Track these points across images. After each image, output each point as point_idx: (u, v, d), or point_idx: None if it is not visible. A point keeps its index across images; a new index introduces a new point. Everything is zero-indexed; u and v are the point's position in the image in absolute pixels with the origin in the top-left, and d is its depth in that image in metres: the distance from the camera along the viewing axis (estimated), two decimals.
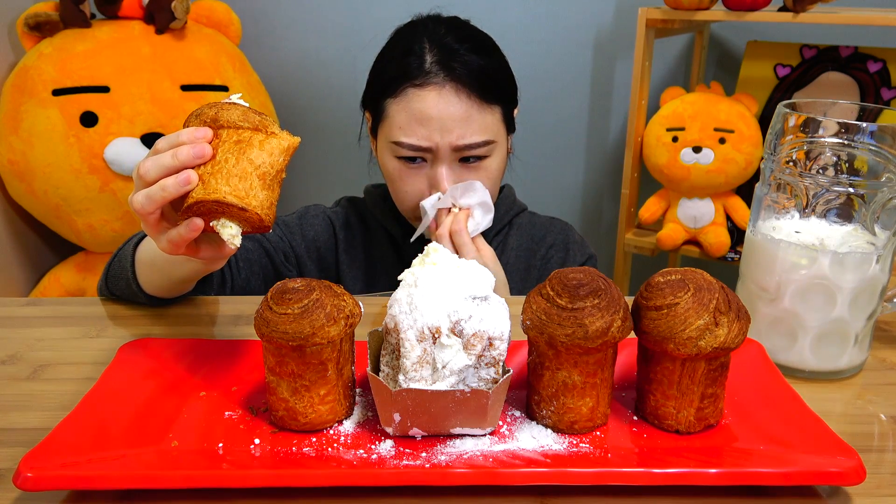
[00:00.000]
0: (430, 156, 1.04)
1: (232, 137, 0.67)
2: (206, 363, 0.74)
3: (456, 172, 1.05)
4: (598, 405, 0.65)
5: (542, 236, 1.22)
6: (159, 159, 0.67)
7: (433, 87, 1.02)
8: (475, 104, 1.02)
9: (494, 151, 1.07)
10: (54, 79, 1.70)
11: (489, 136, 1.04)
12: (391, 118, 1.05)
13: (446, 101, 1.01)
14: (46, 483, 0.55)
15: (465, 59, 1.03)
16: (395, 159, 1.07)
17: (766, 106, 1.98)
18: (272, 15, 2.18)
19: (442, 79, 1.02)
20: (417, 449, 0.61)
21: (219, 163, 0.66)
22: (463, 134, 1.02)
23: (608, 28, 2.14)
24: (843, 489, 0.60)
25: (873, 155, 0.73)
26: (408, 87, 1.03)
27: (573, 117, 2.24)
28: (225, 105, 0.69)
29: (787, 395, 0.69)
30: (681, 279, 0.64)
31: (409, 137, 1.03)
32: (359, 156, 2.29)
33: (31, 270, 1.95)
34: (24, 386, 0.75)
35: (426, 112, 1.01)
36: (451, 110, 1.01)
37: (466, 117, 1.02)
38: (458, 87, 1.02)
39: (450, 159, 1.04)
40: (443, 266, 0.65)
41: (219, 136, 0.68)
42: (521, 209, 1.24)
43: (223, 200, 0.65)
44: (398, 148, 1.05)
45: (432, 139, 1.02)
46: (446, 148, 1.02)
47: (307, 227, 1.17)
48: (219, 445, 0.62)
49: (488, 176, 1.07)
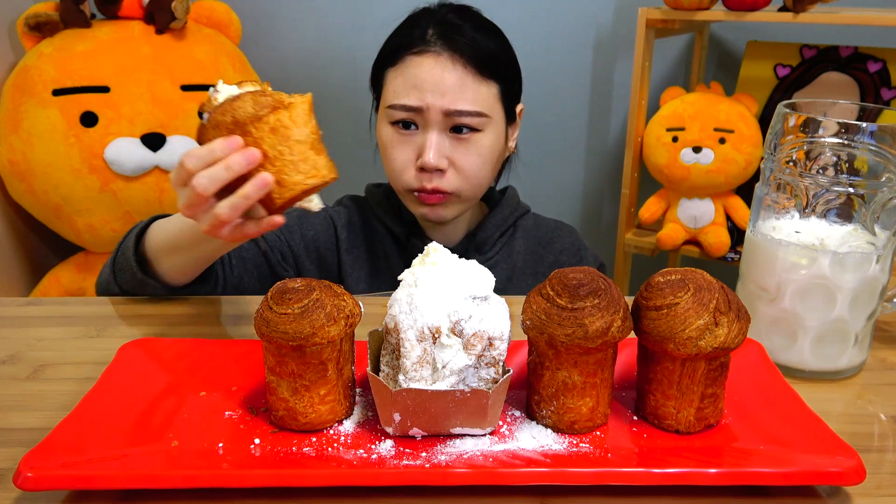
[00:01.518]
0: (422, 120, 1.04)
1: (265, 129, 0.69)
2: (206, 363, 0.74)
3: (446, 142, 1.05)
4: (598, 405, 0.65)
5: (549, 240, 1.21)
6: (215, 174, 0.69)
7: (431, 54, 1.03)
8: (471, 74, 1.03)
9: (487, 128, 1.06)
10: (54, 79, 1.70)
11: (482, 108, 1.04)
12: (388, 85, 1.07)
13: (442, 66, 1.03)
14: (46, 483, 0.55)
15: (467, 35, 1.05)
16: (388, 126, 1.07)
17: (766, 106, 1.98)
18: (272, 15, 2.18)
19: (440, 47, 1.03)
20: (417, 449, 0.61)
21: (277, 158, 0.69)
22: (455, 99, 1.02)
23: (608, 28, 2.15)
24: (843, 489, 0.60)
25: (873, 155, 0.73)
26: (406, 56, 1.05)
27: (573, 117, 2.24)
28: (230, 102, 0.70)
29: (787, 395, 0.69)
30: (681, 279, 0.64)
31: (401, 99, 1.04)
32: (359, 155, 2.30)
33: (31, 270, 1.95)
34: (24, 386, 0.75)
35: (421, 76, 1.03)
36: (446, 76, 1.02)
37: (461, 84, 1.03)
38: (456, 57, 1.03)
39: (440, 126, 1.04)
40: (443, 266, 0.65)
41: (249, 133, 0.69)
42: (525, 211, 1.23)
43: (309, 188, 0.70)
44: (392, 112, 1.05)
45: (424, 100, 1.02)
46: (437, 111, 1.03)
47: (307, 227, 1.16)
48: (219, 445, 0.62)
49: (479, 153, 1.06)
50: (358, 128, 2.38)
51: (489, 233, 1.17)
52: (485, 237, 1.17)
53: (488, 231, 1.17)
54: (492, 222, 1.18)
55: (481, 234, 1.17)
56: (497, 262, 1.17)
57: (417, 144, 1.06)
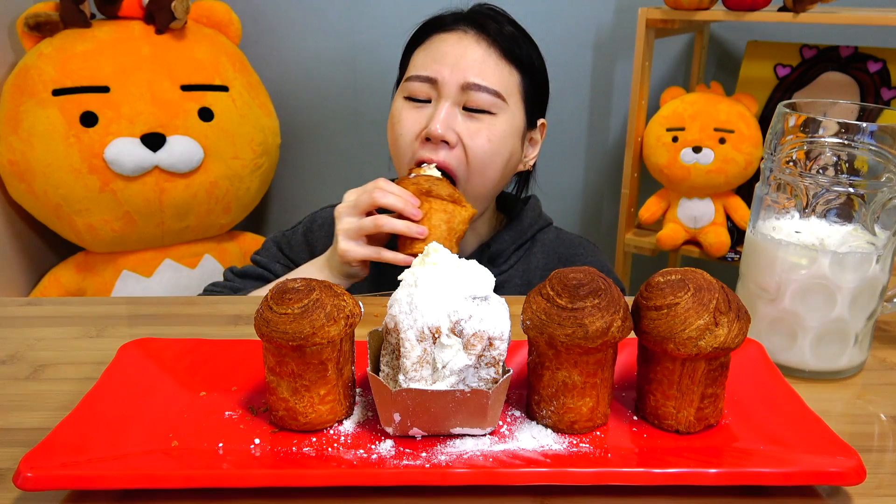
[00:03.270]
0: (436, 93, 1.02)
1: (441, 207, 0.97)
2: (206, 363, 0.74)
3: (457, 116, 1.01)
4: (598, 405, 0.65)
5: (570, 257, 1.15)
6: (392, 224, 0.95)
7: (458, 32, 1.03)
8: (494, 54, 1.02)
9: (502, 112, 1.02)
10: (54, 79, 1.70)
11: (500, 88, 1.02)
12: (412, 63, 1.06)
13: (465, 44, 1.02)
14: (46, 483, 0.55)
15: (498, 20, 1.05)
16: (402, 100, 1.05)
17: (766, 106, 1.98)
18: (272, 15, 2.18)
19: (468, 26, 1.04)
20: (417, 449, 0.61)
21: (436, 226, 0.96)
22: (474, 73, 1.01)
23: (608, 28, 2.15)
24: (843, 489, 0.60)
25: (873, 155, 0.73)
26: (434, 34, 1.05)
27: (573, 117, 2.24)
28: (437, 180, 0.97)
29: (787, 395, 0.69)
30: (681, 279, 0.64)
31: (419, 71, 1.03)
32: (359, 156, 2.30)
33: (31, 270, 1.95)
34: (24, 386, 0.75)
35: (443, 50, 1.02)
36: (469, 52, 1.01)
37: (482, 61, 1.01)
38: (481, 38, 1.03)
39: (454, 100, 1.01)
40: (443, 266, 0.65)
41: (430, 202, 0.96)
42: (547, 223, 1.18)
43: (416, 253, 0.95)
44: (407, 85, 1.04)
45: (441, 73, 1.01)
46: (453, 84, 1.00)
47: (313, 244, 1.14)
48: (219, 445, 0.62)
49: (489, 136, 1.01)
50: (358, 127, 2.38)
51: (504, 245, 1.12)
52: (499, 249, 1.11)
53: (503, 243, 1.12)
54: (508, 234, 1.12)
55: (495, 245, 1.11)
56: (511, 277, 1.12)
57: (427, 116, 1.02)
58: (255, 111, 1.93)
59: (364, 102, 2.24)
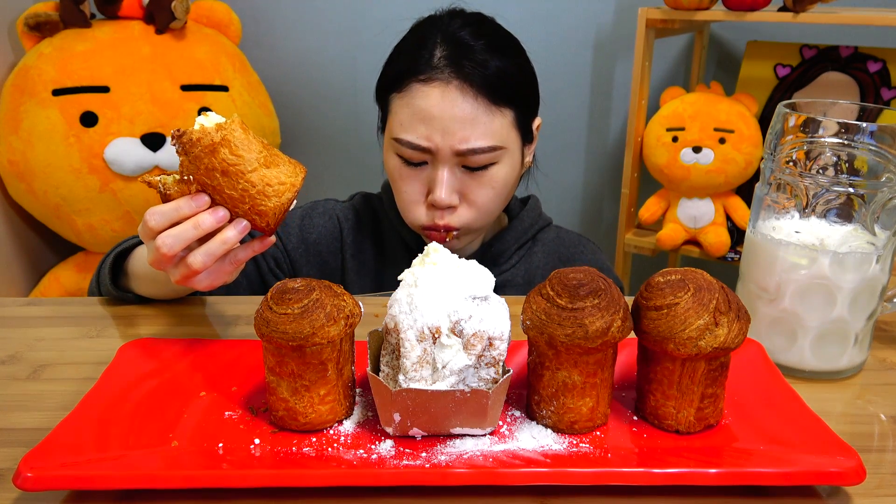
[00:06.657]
0: (431, 157, 0.98)
1: (218, 177, 0.69)
2: (206, 363, 0.74)
3: (458, 178, 0.98)
4: (598, 405, 0.65)
5: (571, 257, 1.14)
6: (182, 234, 0.70)
7: (438, 83, 0.95)
8: (482, 106, 0.95)
9: (502, 159, 0.99)
10: (54, 79, 1.70)
11: (496, 141, 0.96)
12: (394, 114, 0.99)
13: (450, 100, 0.94)
14: (46, 483, 0.55)
15: (478, 58, 0.96)
16: (396, 157, 1.00)
17: (766, 106, 1.98)
18: (272, 15, 2.18)
19: (448, 75, 0.95)
20: (417, 449, 0.61)
21: (244, 195, 0.70)
22: (466, 137, 0.94)
23: (608, 28, 2.14)
24: (843, 489, 0.60)
25: (873, 155, 0.73)
26: (412, 83, 0.96)
27: (573, 117, 2.24)
28: (185, 163, 0.70)
29: (787, 395, 0.69)
30: (681, 279, 0.64)
31: (408, 135, 0.96)
32: (359, 156, 2.30)
33: (31, 270, 1.95)
34: (24, 386, 0.75)
35: (428, 111, 0.95)
36: (455, 111, 0.94)
37: (471, 119, 0.94)
38: (465, 87, 0.95)
39: (451, 163, 0.97)
40: (443, 266, 0.65)
41: (207, 184, 0.70)
42: (547, 223, 1.17)
43: (288, 202, 0.71)
44: (398, 146, 0.98)
45: (433, 140, 0.95)
46: (447, 151, 0.95)
47: (309, 230, 1.12)
48: (219, 445, 0.62)
49: (493, 186, 0.98)
50: (358, 127, 2.38)
51: (506, 245, 1.11)
52: (501, 249, 1.11)
53: (505, 243, 1.12)
54: (510, 234, 1.12)
55: (498, 245, 1.11)
56: (514, 277, 1.12)
57: (427, 179, 0.99)
58: (255, 111, 1.93)
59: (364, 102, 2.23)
